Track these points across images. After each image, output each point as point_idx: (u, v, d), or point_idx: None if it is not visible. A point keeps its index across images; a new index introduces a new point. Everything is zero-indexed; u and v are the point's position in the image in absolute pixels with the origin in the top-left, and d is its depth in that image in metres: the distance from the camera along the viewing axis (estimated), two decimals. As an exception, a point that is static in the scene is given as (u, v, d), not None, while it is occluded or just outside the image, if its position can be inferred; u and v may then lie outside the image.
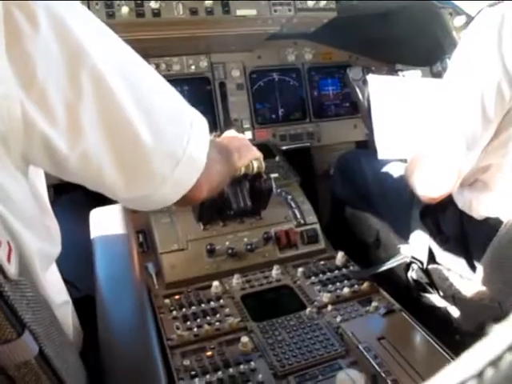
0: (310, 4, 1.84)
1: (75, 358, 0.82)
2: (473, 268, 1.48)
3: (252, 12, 1.76)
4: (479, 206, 1.38)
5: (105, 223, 1.22)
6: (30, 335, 0.61)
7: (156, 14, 1.64)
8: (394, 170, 1.77)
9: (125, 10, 1.59)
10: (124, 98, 0.67)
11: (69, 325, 0.90)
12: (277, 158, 2.11)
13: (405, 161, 1.58)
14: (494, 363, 0.26)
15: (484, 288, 1.43)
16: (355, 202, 2.01)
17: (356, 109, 2.38)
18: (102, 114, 0.66)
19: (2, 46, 0.55)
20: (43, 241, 0.77)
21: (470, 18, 2.00)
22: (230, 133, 1.44)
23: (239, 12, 1.74)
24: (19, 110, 0.59)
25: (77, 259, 0.99)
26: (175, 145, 0.77)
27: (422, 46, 2.12)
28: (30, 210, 0.73)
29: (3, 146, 0.62)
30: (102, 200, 1.58)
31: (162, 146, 0.74)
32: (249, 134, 2.21)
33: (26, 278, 0.63)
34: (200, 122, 0.84)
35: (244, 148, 1.36)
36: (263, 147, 1.45)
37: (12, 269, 0.58)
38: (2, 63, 0.56)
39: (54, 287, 0.87)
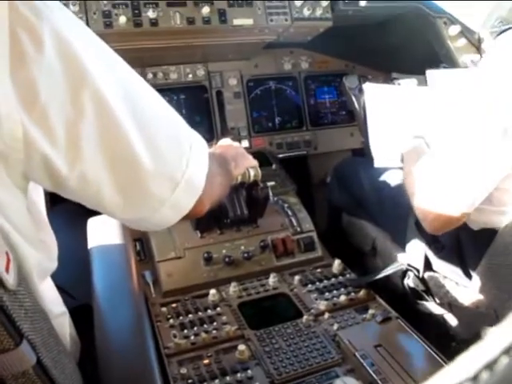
0: (306, 13, 1.86)
1: (73, 367, 0.82)
2: (468, 276, 1.48)
3: (249, 21, 1.77)
4: (479, 218, 1.38)
5: (102, 232, 1.22)
6: (27, 345, 0.61)
7: (153, 23, 1.65)
8: (391, 178, 1.78)
9: (122, 19, 1.60)
10: (125, 121, 0.68)
11: (66, 335, 0.90)
12: (273, 166, 2.12)
13: (401, 168, 1.59)
14: (490, 366, 0.26)
15: (480, 295, 1.44)
16: (352, 209, 2.02)
17: (352, 117, 2.39)
18: (102, 135, 0.66)
19: (7, 68, 0.56)
20: (40, 254, 0.78)
21: (464, 28, 2.02)
22: (226, 141, 1.45)
23: (236, 21, 1.76)
24: (20, 131, 0.59)
25: (73, 268, 0.99)
26: (174, 168, 0.77)
27: (418, 55, 2.13)
28: (28, 226, 0.73)
29: (4, 165, 0.62)
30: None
31: (161, 169, 0.74)
32: (245, 143, 2.22)
33: (24, 289, 0.64)
34: (199, 143, 0.84)
35: (240, 156, 1.36)
36: (260, 155, 1.46)
37: (10, 279, 0.58)
38: (5, 85, 0.56)
39: (51, 298, 0.88)
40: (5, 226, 0.63)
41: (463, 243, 1.47)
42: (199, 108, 2.16)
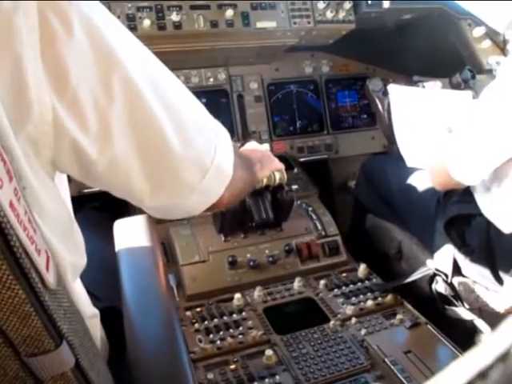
0: (329, 16, 1.84)
1: (106, 369, 0.81)
2: (499, 280, 1.45)
3: (272, 24, 1.76)
4: (509, 217, 1.35)
5: (129, 234, 1.22)
6: (67, 346, 0.60)
7: (177, 26, 1.64)
8: (420, 179, 1.75)
9: (146, 22, 1.60)
10: (155, 106, 0.66)
11: (97, 336, 0.89)
12: (295, 170, 2.10)
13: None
14: (484, 374, 0.25)
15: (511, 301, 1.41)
16: (379, 209, 1.99)
17: (374, 121, 2.38)
18: (132, 120, 0.65)
19: (37, 50, 0.55)
20: (72, 251, 0.77)
21: (489, 29, 1.99)
22: (252, 144, 1.43)
23: (259, 24, 1.75)
24: (51, 114, 0.58)
25: (97, 271, 0.98)
26: (203, 154, 0.76)
27: (441, 58, 2.11)
28: (60, 220, 0.72)
29: (34, 152, 0.61)
30: (120, 212, 1.60)
31: (190, 155, 0.73)
32: (266, 146, 2.19)
33: (62, 288, 0.62)
34: (223, 132, 0.84)
35: (266, 159, 1.35)
36: (281, 159, 1.44)
37: (51, 278, 0.57)
38: (36, 68, 0.55)
39: (83, 299, 0.87)
40: (41, 223, 0.62)
41: (494, 247, 1.43)
42: (220, 112, 2.15)
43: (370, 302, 1.55)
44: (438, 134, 1.61)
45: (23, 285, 0.51)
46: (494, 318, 1.48)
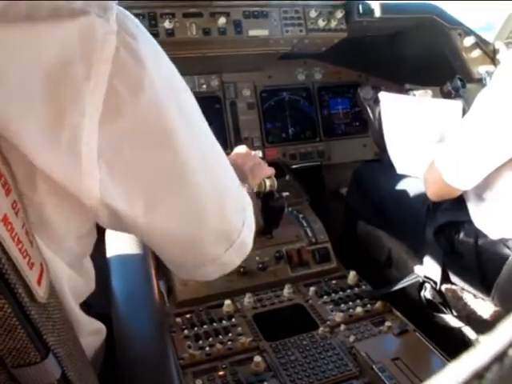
0: (321, 24, 1.86)
1: (95, 380, 0.81)
2: (487, 288, 1.46)
3: (264, 32, 1.78)
4: (498, 224, 1.37)
5: (121, 240, 1.22)
6: (53, 358, 0.60)
7: (170, 34, 1.66)
8: (410, 186, 1.76)
9: (139, 30, 1.61)
10: (203, 183, 0.67)
11: (96, 350, 0.89)
12: (287, 177, 2.12)
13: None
14: (480, 374, 0.26)
15: (499, 308, 1.42)
16: (370, 216, 2.00)
17: (366, 128, 2.40)
18: (180, 196, 0.66)
19: (96, 122, 0.54)
20: (78, 275, 0.77)
21: (479, 39, 2.02)
22: (241, 148, 1.42)
23: (251, 32, 1.76)
24: (97, 189, 0.58)
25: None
26: (234, 229, 0.77)
27: (432, 66, 2.13)
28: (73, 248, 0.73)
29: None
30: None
31: (223, 229, 0.75)
32: (259, 153, 2.21)
33: (54, 301, 0.63)
34: (249, 204, 0.85)
35: (257, 167, 1.36)
36: (273, 166, 1.45)
37: (41, 292, 0.57)
38: (92, 139, 0.55)
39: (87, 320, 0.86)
40: (42, 238, 0.62)
41: (482, 254, 1.45)
42: (213, 119, 2.16)
43: (359, 309, 1.56)
44: (428, 142, 1.62)
45: (9, 299, 0.51)
46: (481, 326, 1.49)
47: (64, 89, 0.52)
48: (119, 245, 1.21)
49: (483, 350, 0.26)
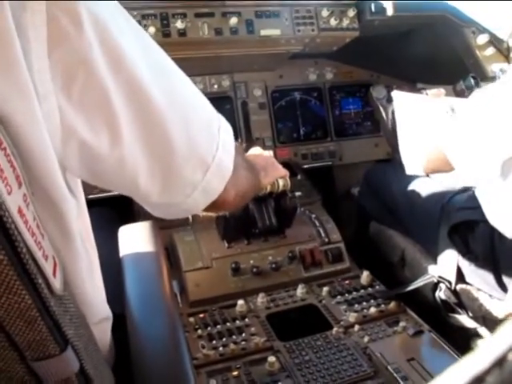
0: (333, 23, 1.85)
1: (110, 375, 0.81)
2: (503, 288, 1.44)
3: (276, 32, 1.78)
4: None
5: (134, 240, 1.22)
6: (72, 351, 0.60)
7: (182, 33, 1.66)
8: (423, 186, 1.75)
9: (151, 30, 1.61)
10: (162, 104, 0.67)
11: (107, 340, 0.89)
12: (299, 177, 2.11)
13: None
14: (481, 378, 0.25)
15: (515, 308, 1.40)
16: (382, 216, 1.99)
17: (377, 128, 2.38)
18: (139, 119, 0.65)
19: (44, 48, 0.54)
20: (85, 257, 0.77)
21: (492, 36, 2.00)
22: (256, 150, 1.44)
23: (263, 32, 1.76)
24: (57, 115, 0.58)
25: (102, 276, 0.98)
26: (206, 151, 0.76)
27: (444, 65, 2.11)
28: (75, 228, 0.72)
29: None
30: (126, 218, 1.60)
31: (194, 153, 0.74)
32: (270, 153, 2.20)
33: (68, 293, 0.63)
34: (226, 127, 0.83)
35: (270, 166, 1.36)
36: (285, 166, 1.44)
37: (57, 284, 0.57)
38: (42, 65, 0.55)
39: (98, 301, 0.86)
40: (53, 230, 0.62)
41: (498, 254, 1.42)
42: (224, 118, 2.15)
43: (372, 310, 1.55)
44: (440, 118, 1.59)
45: (30, 290, 0.51)
46: (497, 326, 1.47)
47: (4, 24, 0.50)
48: (132, 244, 1.21)
49: (484, 354, 0.26)
